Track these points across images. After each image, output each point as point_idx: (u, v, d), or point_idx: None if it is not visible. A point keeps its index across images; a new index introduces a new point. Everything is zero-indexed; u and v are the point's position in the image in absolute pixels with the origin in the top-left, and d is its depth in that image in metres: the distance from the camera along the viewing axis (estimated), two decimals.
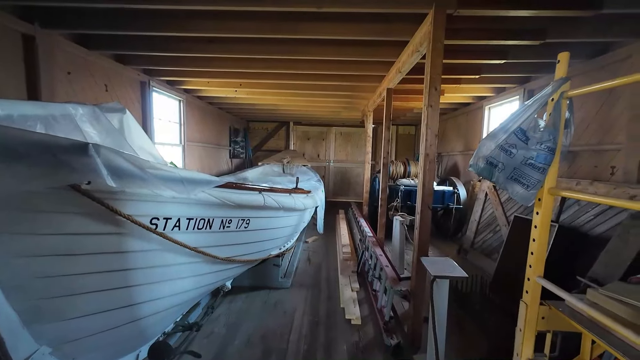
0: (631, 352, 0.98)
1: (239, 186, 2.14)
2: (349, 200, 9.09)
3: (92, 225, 1.42)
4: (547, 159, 1.08)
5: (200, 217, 1.93)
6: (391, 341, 2.47)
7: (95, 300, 1.53)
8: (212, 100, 6.39)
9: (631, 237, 2.42)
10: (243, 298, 3.22)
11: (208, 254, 2.07)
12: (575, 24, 2.71)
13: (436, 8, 2.26)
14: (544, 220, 1.16)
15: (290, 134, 9.73)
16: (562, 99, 1.08)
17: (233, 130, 8.47)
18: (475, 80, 4.37)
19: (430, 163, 2.39)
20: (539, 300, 1.19)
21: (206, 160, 6.75)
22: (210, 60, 3.90)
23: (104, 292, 1.55)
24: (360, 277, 3.86)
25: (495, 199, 4.31)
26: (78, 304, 1.48)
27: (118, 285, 1.60)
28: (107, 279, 1.55)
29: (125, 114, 2.28)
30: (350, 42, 3.24)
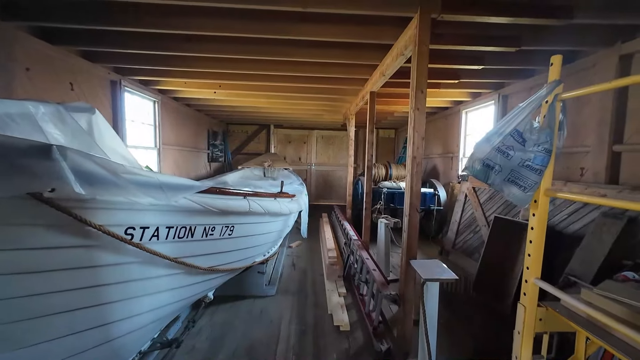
0: (626, 348, 0.99)
1: (223, 191, 2.03)
2: (331, 203, 9.07)
3: (57, 238, 1.26)
4: (544, 160, 1.09)
5: (181, 225, 1.79)
6: (381, 346, 2.44)
7: (63, 322, 1.36)
8: (189, 101, 6.14)
9: (603, 235, 2.55)
10: (226, 308, 3.06)
11: (190, 264, 1.93)
12: (547, 33, 2.85)
13: (421, 12, 2.28)
14: (540, 222, 1.17)
15: (271, 137, 9.58)
16: (556, 101, 1.09)
17: (212, 133, 8.20)
18: (454, 85, 4.51)
19: (417, 166, 2.39)
20: (537, 302, 1.19)
21: (183, 164, 6.46)
22: (187, 60, 3.73)
23: (72, 312, 1.38)
24: (346, 281, 3.81)
25: (475, 200, 4.45)
26: (43, 328, 1.30)
27: (89, 304, 1.43)
28: (76, 297, 1.38)
29: (94, 114, 2.08)
30: (334, 45, 3.21)
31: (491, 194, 4.22)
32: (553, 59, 1.13)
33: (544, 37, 2.90)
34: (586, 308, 1.05)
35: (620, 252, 2.41)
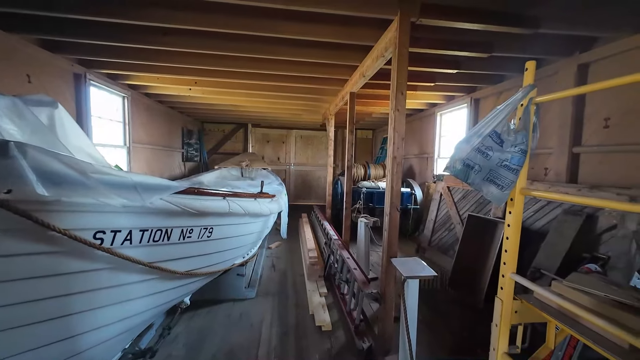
0: (591, 334, 1.07)
1: (202, 192, 1.94)
2: (311, 203, 9.06)
3: (15, 245, 1.14)
4: (520, 160, 1.15)
5: (156, 228, 1.70)
6: (363, 345, 2.46)
7: (23, 336, 1.24)
8: (162, 98, 5.86)
9: (565, 230, 2.75)
10: (204, 313, 2.95)
11: (166, 269, 1.84)
12: (516, 41, 3.02)
13: (401, 15, 2.33)
14: (516, 219, 1.23)
15: (248, 137, 9.39)
16: (530, 105, 1.15)
17: (186, 132, 7.89)
18: (430, 88, 4.66)
19: (398, 165, 2.44)
20: (513, 296, 1.25)
21: (155, 163, 6.16)
22: (160, 54, 3.55)
23: (34, 325, 1.26)
24: (327, 281, 3.82)
25: (449, 199, 4.63)
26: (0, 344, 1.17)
27: (53, 316, 1.31)
28: (38, 309, 1.26)
29: (57, 109, 1.92)
30: (314, 44, 3.20)
31: (464, 193, 4.41)
32: (528, 65, 1.20)
33: (513, 44, 3.08)
34: (557, 299, 1.11)
35: (580, 246, 2.61)
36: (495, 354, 1.28)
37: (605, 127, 2.95)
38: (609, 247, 2.46)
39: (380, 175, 6.79)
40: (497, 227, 3.37)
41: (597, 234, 2.56)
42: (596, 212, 2.61)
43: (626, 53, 2.74)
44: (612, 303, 1.08)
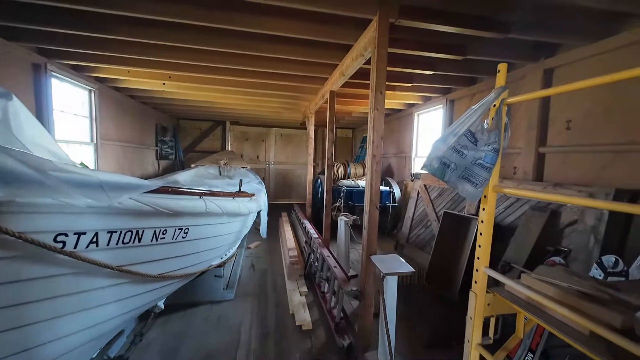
0: (557, 323, 1.13)
1: (177, 191, 1.86)
2: (291, 202, 9.00)
3: None
4: (493, 159, 1.19)
5: (126, 229, 1.60)
6: (343, 342, 2.47)
7: None
8: (134, 92, 5.57)
9: (531, 225, 2.92)
10: (180, 317, 2.84)
11: (137, 272, 1.74)
12: (488, 45, 3.15)
13: (380, 16, 2.35)
14: (489, 215, 1.28)
15: (226, 134, 9.17)
16: (502, 105, 1.20)
17: (160, 129, 7.55)
18: (408, 88, 4.77)
19: (377, 164, 2.47)
20: (486, 289, 1.30)
21: (126, 161, 5.84)
22: (131, 46, 3.36)
23: None
24: (307, 280, 3.81)
25: (426, 197, 4.77)
26: None
27: (9, 326, 1.20)
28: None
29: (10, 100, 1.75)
30: (294, 41, 3.16)
31: (440, 191, 4.56)
32: (500, 67, 1.24)
33: (485, 48, 3.21)
34: (526, 291, 1.17)
35: (545, 240, 2.78)
36: (469, 346, 1.32)
37: (567, 129, 3.15)
38: (570, 241, 2.63)
39: (360, 173, 6.87)
40: (470, 223, 3.51)
41: (560, 229, 2.74)
42: (559, 208, 2.79)
43: (587, 59, 2.94)
44: (575, 293, 1.15)
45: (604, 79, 0.92)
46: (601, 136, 2.83)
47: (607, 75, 0.87)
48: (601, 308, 1.04)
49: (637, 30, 2.51)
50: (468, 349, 1.33)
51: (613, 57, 2.72)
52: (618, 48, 2.67)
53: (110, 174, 1.38)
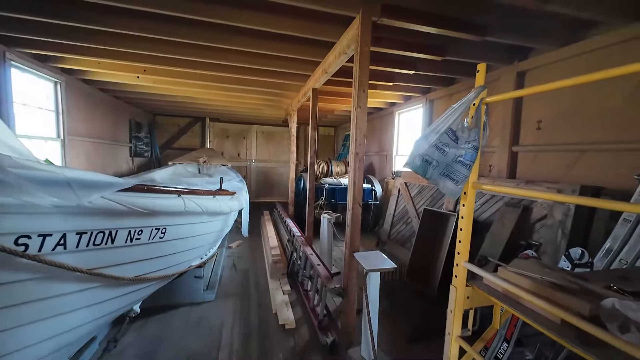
0: (530, 313, 1.19)
1: (153, 189, 1.78)
2: (273, 200, 8.90)
3: None
4: (473, 156, 1.23)
5: (97, 230, 1.51)
6: (326, 339, 2.48)
7: None
8: (105, 86, 5.27)
9: (506, 221, 3.05)
10: (157, 320, 2.73)
11: (110, 275, 1.65)
12: (466, 46, 3.25)
13: (363, 14, 2.36)
14: (469, 211, 1.31)
15: (206, 131, 8.91)
16: (481, 104, 1.24)
17: (134, 124, 7.22)
18: (389, 87, 4.83)
19: (360, 162, 2.49)
20: (466, 283, 1.34)
21: (97, 158, 5.53)
22: (102, 35, 3.16)
23: None
24: (290, 278, 3.78)
25: (407, 194, 4.87)
26: None
27: None
28: None
29: None
30: (276, 36, 3.10)
31: (420, 189, 4.67)
32: (479, 67, 1.28)
33: (463, 50, 3.31)
34: (504, 283, 1.22)
35: (518, 234, 2.92)
36: (450, 338, 1.36)
37: (538, 129, 3.32)
38: (540, 235, 2.78)
39: (342, 171, 6.91)
40: (449, 219, 3.62)
41: (532, 224, 2.88)
42: (531, 204, 2.94)
43: (556, 63, 3.10)
44: (547, 284, 1.21)
45: (573, 81, 0.97)
46: (568, 136, 3.00)
47: (578, 77, 0.91)
48: (571, 298, 1.10)
49: (601, 36, 2.68)
50: (449, 341, 1.37)
51: (580, 61, 2.89)
52: (584, 53, 2.83)
53: (79, 171, 1.29)
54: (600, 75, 0.90)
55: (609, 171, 2.65)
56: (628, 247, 1.84)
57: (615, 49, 2.61)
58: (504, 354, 1.68)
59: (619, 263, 1.85)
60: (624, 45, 2.56)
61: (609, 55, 2.66)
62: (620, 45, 2.58)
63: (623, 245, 1.86)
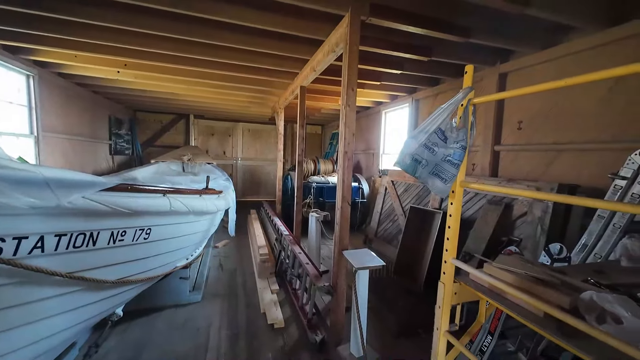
0: (514, 306, 1.23)
1: (138, 188, 1.72)
2: (260, 199, 8.82)
3: None
4: (461, 156, 1.26)
5: (78, 232, 1.44)
6: (316, 337, 2.49)
7: None
8: (82, 80, 5.02)
9: (489, 218, 3.15)
10: (141, 323, 2.65)
11: (91, 278, 1.58)
12: (451, 47, 3.32)
13: (352, 12, 2.36)
14: (457, 209, 1.35)
15: (190, 128, 8.69)
16: (469, 105, 1.27)
17: (115, 121, 6.94)
18: (376, 87, 4.88)
19: (349, 161, 2.50)
20: (453, 279, 1.38)
21: (74, 156, 5.29)
22: (78, 27, 3.01)
23: None
24: (279, 277, 3.76)
25: (393, 192, 4.94)
26: None
27: None
28: None
29: None
30: (263, 33, 3.06)
31: (406, 187, 4.75)
32: (467, 68, 1.31)
33: (448, 51, 3.38)
34: (489, 279, 1.26)
35: (500, 231, 3.02)
36: (438, 333, 1.40)
37: (518, 129, 3.44)
38: (521, 231, 2.89)
39: (330, 170, 6.92)
40: (434, 217, 3.70)
41: (513, 220, 2.99)
42: (512, 201, 3.04)
43: (536, 66, 3.22)
44: (530, 279, 1.26)
45: (556, 84, 1.01)
46: (546, 136, 3.13)
47: (561, 80, 0.95)
48: (552, 291, 1.15)
49: (577, 41, 2.80)
50: (437, 336, 1.40)
51: (557, 64, 3.02)
52: (561, 56, 2.96)
53: (58, 170, 1.23)
54: (578, 80, 0.95)
55: (584, 170, 2.79)
56: (602, 242, 1.95)
57: (590, 53, 2.74)
58: (488, 346, 1.74)
59: (594, 257, 1.95)
60: (597, 50, 2.69)
61: (584, 59, 2.79)
62: (594, 50, 2.71)
63: (597, 240, 1.97)
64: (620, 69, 0.85)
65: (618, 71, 0.86)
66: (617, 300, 1.03)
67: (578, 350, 0.95)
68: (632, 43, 2.48)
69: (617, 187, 1.97)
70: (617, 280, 1.40)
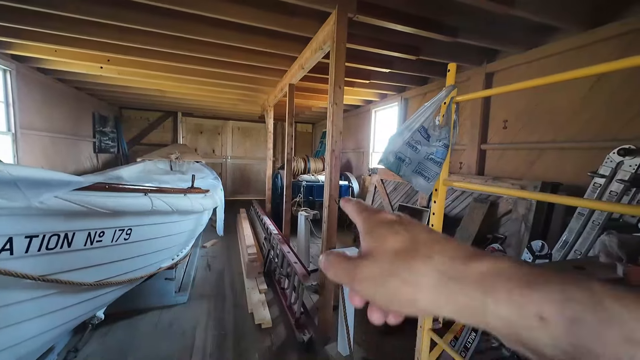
0: None
1: (115, 187, 1.66)
2: (249, 198, 8.75)
3: None
4: (444, 154, 1.26)
5: (51, 233, 1.39)
6: (303, 337, 2.47)
7: None
8: (64, 76, 4.86)
9: (474, 215, 3.20)
10: (124, 326, 2.58)
11: (67, 281, 1.52)
12: (439, 47, 3.35)
13: (339, 9, 2.34)
14: (440, 207, 1.35)
15: (178, 126, 8.53)
16: (452, 103, 1.27)
17: (99, 118, 6.75)
18: (366, 85, 4.88)
19: (336, 159, 2.48)
20: None
21: (56, 155, 5.12)
22: (58, 20, 2.90)
23: None
24: (267, 277, 3.73)
25: (383, 190, 4.96)
26: None
27: None
28: None
29: None
30: (251, 29, 3.02)
31: (395, 185, 4.78)
32: (450, 66, 1.31)
33: (436, 50, 3.40)
34: None
35: (485, 228, 3.07)
36: (422, 331, 1.40)
37: (504, 128, 3.50)
38: (506, 228, 2.94)
39: (320, 168, 6.91)
40: (422, 214, 3.73)
41: (498, 218, 3.04)
42: (498, 199, 3.09)
43: (521, 66, 3.28)
44: None
45: (538, 82, 1.02)
46: (530, 135, 3.19)
47: (542, 77, 0.96)
48: None
49: (560, 42, 2.86)
50: (421, 334, 1.41)
51: (542, 64, 3.08)
52: (545, 57, 3.02)
53: (27, 168, 1.17)
54: (557, 78, 0.95)
55: (566, 168, 2.85)
56: (582, 239, 1.99)
57: (572, 53, 2.81)
58: (472, 342, 1.76)
59: (575, 254, 1.99)
60: (578, 51, 2.75)
61: (566, 59, 2.85)
62: (575, 51, 2.77)
63: (578, 237, 2.01)
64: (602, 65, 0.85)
65: (600, 68, 0.86)
66: None
67: None
68: (611, 44, 2.55)
69: (597, 185, 2.02)
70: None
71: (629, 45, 2.43)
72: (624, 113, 2.46)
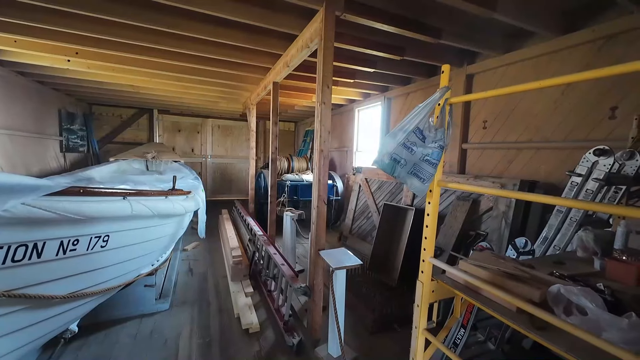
0: (489, 303, 1.27)
1: (91, 191, 1.53)
2: (231, 198, 8.53)
3: None
4: (439, 155, 1.26)
5: (18, 244, 1.25)
6: (293, 340, 2.43)
7: None
8: (24, 69, 4.46)
9: (458, 213, 3.28)
10: (100, 338, 2.42)
11: (36, 295, 1.39)
12: (422, 48, 3.40)
13: (327, 7, 2.31)
14: (434, 208, 1.36)
15: (154, 124, 8.14)
16: (446, 105, 1.27)
17: (65, 115, 6.30)
18: (350, 84, 4.88)
19: (324, 159, 2.45)
20: (431, 277, 1.39)
21: (17, 155, 4.71)
22: (17, 7, 2.65)
23: None
24: (253, 279, 3.65)
25: (367, 189, 5.00)
26: None
27: None
28: None
29: None
30: (234, 24, 2.91)
31: (380, 184, 4.82)
32: (444, 68, 1.31)
33: (420, 51, 3.45)
34: (465, 276, 1.28)
35: (468, 226, 3.16)
36: (417, 331, 1.40)
37: (484, 128, 3.62)
38: (487, 225, 3.05)
39: (304, 167, 6.86)
40: (407, 213, 3.79)
41: (480, 215, 3.14)
42: (479, 197, 3.19)
43: (498, 68, 3.39)
44: (502, 274, 1.30)
45: (528, 86, 1.04)
46: (508, 135, 3.32)
47: (535, 82, 0.97)
48: (523, 286, 1.20)
49: (535, 46, 2.98)
50: (416, 334, 1.41)
51: (518, 67, 3.20)
52: (521, 60, 3.14)
53: None
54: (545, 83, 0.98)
55: (541, 166, 2.99)
56: (560, 235, 2.09)
57: (545, 58, 2.94)
58: (461, 339, 1.80)
59: (554, 249, 2.09)
60: (551, 55, 2.89)
61: (540, 63, 2.98)
62: (549, 56, 2.91)
63: (556, 233, 2.11)
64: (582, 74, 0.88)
65: (570, 78, 0.88)
66: (582, 292, 1.08)
67: (550, 344, 0.99)
68: (580, 50, 2.69)
69: (574, 183, 2.12)
70: (575, 271, 1.50)
71: (598, 51, 2.58)
72: (593, 116, 2.61)
